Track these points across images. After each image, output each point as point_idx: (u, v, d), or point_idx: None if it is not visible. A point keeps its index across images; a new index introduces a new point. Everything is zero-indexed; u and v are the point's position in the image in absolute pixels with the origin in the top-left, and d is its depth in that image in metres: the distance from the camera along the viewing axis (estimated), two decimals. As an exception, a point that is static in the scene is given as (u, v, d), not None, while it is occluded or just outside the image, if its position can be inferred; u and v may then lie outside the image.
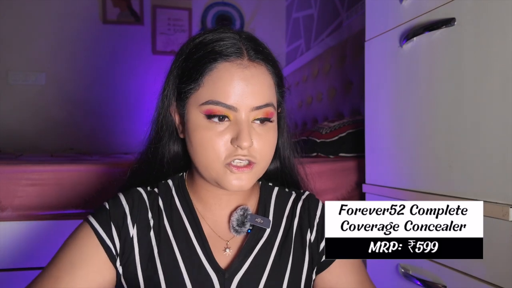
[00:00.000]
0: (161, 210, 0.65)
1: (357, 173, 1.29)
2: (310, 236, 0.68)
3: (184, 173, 0.70)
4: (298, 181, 0.75)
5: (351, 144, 1.41)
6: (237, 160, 0.57)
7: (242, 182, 0.58)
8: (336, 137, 1.43)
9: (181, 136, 0.65)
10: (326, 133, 1.46)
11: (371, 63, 1.13)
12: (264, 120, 0.59)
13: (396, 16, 0.99)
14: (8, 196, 1.05)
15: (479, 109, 0.74)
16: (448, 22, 0.80)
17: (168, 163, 0.67)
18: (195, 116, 0.59)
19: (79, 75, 2.92)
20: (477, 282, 0.73)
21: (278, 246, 0.65)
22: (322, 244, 0.67)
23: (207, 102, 0.57)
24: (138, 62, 3.00)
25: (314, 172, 1.25)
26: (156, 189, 0.67)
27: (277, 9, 3.28)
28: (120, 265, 0.60)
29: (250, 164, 0.58)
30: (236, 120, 0.57)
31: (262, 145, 0.59)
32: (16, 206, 1.06)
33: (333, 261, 0.66)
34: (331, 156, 1.44)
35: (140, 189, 0.66)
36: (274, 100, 0.61)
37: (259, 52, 0.60)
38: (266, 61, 0.60)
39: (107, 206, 0.63)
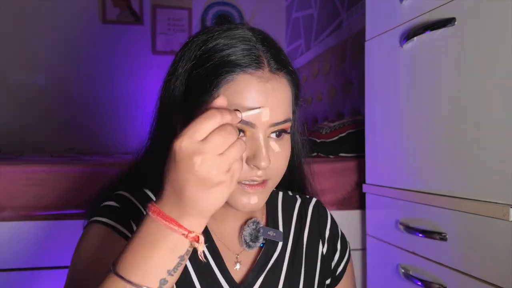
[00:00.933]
0: None
1: (357, 173, 1.29)
2: (323, 249, 0.69)
3: None
4: (303, 181, 0.73)
5: (351, 144, 1.41)
6: (250, 180, 0.52)
7: (255, 202, 0.53)
8: (336, 137, 1.43)
9: None
10: (326, 133, 1.46)
11: (371, 63, 1.13)
12: (281, 133, 0.54)
13: (396, 16, 0.99)
14: (8, 196, 1.05)
15: (479, 109, 0.74)
16: (448, 22, 0.80)
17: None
18: None
19: (79, 75, 2.92)
20: (477, 282, 0.73)
21: (289, 256, 0.65)
22: (335, 261, 0.70)
23: None
24: (138, 62, 3.00)
25: (314, 172, 1.25)
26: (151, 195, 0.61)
27: (277, 9, 3.28)
28: None
29: (264, 182, 0.53)
30: (253, 137, 0.51)
31: (278, 163, 0.54)
32: (16, 206, 1.06)
33: (343, 274, 0.70)
34: (331, 156, 1.44)
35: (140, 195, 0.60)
36: (291, 113, 0.56)
37: (280, 63, 0.55)
38: (288, 72, 0.56)
39: (117, 204, 0.56)
